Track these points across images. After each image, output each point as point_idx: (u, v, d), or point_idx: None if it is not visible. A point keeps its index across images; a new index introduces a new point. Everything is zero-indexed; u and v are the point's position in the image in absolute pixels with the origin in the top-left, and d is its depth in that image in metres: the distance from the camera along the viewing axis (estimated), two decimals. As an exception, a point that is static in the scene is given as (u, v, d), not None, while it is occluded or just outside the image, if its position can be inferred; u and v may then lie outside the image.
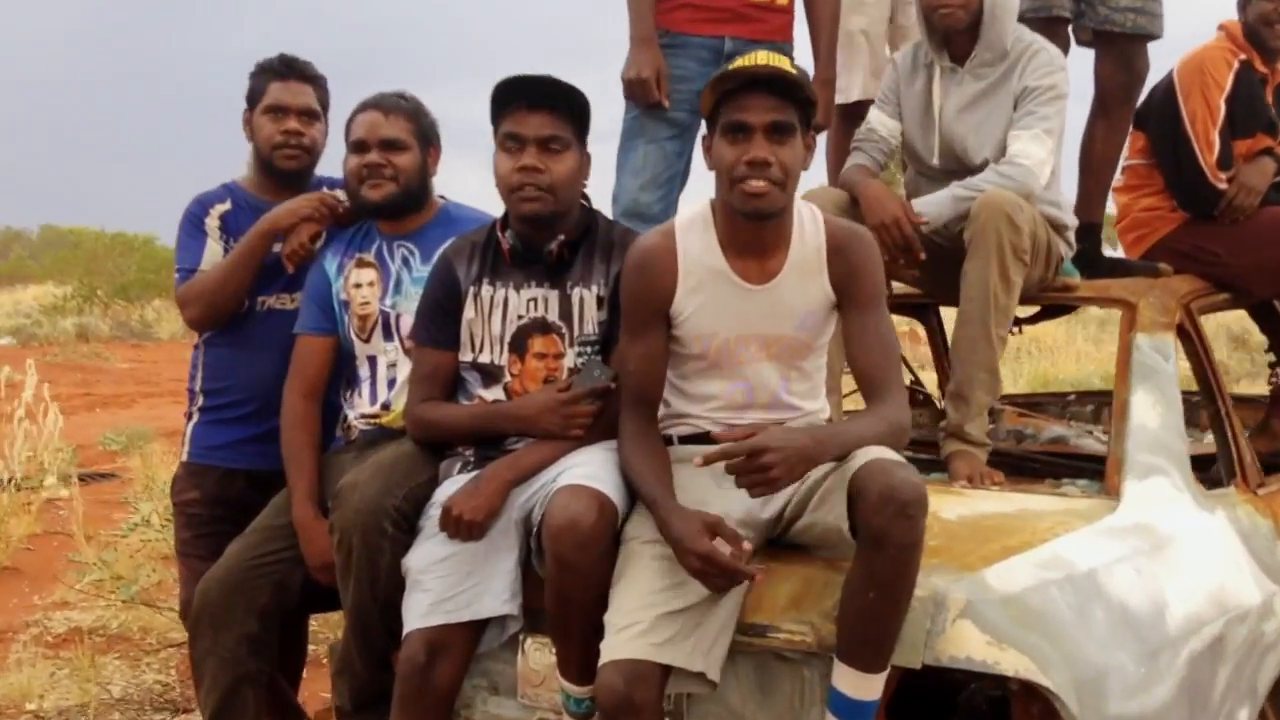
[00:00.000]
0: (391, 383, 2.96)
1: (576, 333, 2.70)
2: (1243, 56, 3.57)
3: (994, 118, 3.18)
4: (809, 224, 2.52)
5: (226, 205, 3.25)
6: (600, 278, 2.71)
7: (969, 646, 2.13)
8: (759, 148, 2.36)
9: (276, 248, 3.13)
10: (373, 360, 3.00)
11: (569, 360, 2.69)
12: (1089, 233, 3.53)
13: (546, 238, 2.68)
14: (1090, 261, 3.47)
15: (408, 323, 2.91)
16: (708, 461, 2.22)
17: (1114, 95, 3.56)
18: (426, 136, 3.02)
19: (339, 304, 3.03)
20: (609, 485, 2.40)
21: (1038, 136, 3.08)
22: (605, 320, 2.69)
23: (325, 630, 4.50)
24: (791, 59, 3.18)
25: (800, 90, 2.40)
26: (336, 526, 2.60)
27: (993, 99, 3.18)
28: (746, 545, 2.23)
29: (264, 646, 2.88)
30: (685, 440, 2.56)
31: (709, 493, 2.42)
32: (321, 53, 3.23)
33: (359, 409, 3.00)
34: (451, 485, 2.62)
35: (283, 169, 3.21)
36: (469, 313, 2.74)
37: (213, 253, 3.19)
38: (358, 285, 3.00)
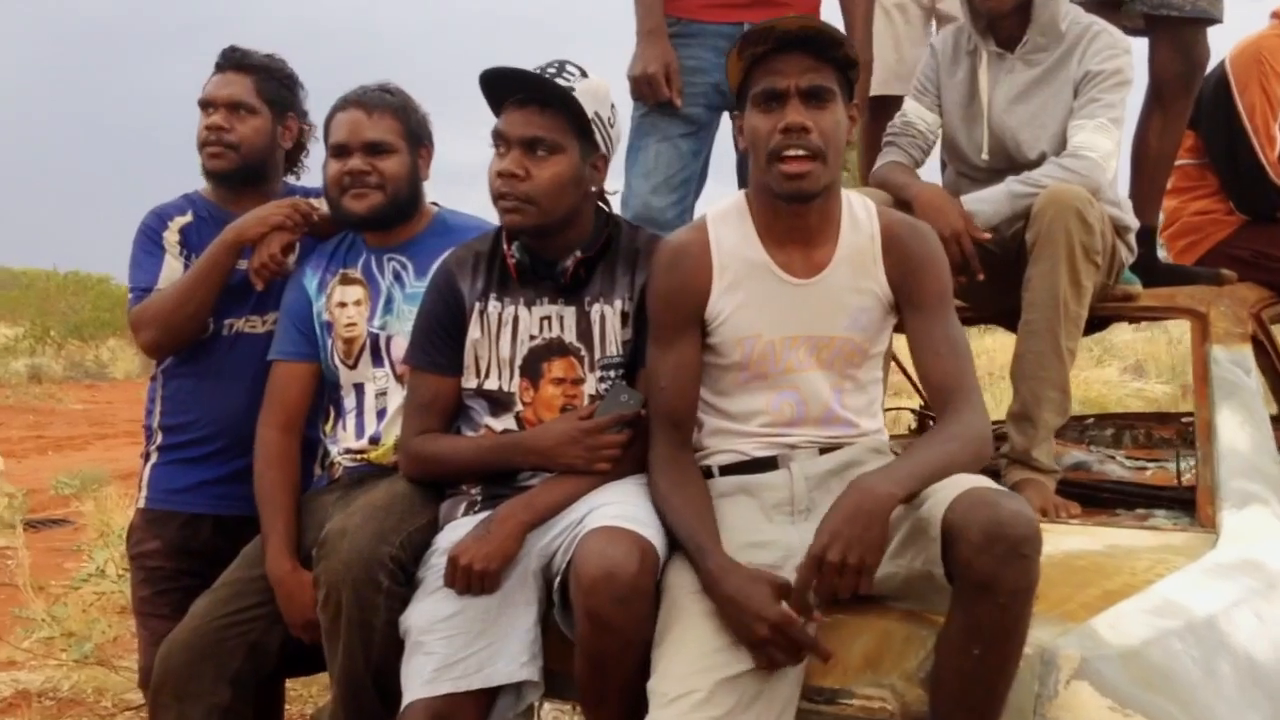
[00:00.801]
0: (381, 413, 2.62)
1: (598, 355, 2.36)
2: None
3: (1050, 108, 2.87)
4: (861, 212, 2.25)
5: (187, 218, 2.92)
6: (624, 291, 2.37)
7: (1087, 712, 1.83)
8: (795, 112, 2.11)
9: (243, 264, 2.79)
10: (359, 388, 2.66)
11: (590, 386, 2.36)
12: (1144, 237, 3.24)
13: (557, 252, 2.35)
14: (1147, 268, 3.18)
15: (400, 345, 2.57)
16: (804, 609, 1.91)
17: (1171, 86, 3.27)
18: (416, 136, 2.68)
19: (321, 326, 2.69)
20: (649, 527, 2.07)
21: (1103, 126, 2.77)
22: (630, 340, 2.36)
23: (301, 687, 4.13)
24: None
25: (838, 48, 2.14)
26: (323, 581, 2.24)
27: (1048, 87, 2.87)
28: (818, 616, 1.92)
29: (236, 718, 2.53)
30: (726, 471, 2.24)
31: (760, 531, 2.14)
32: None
33: (343, 443, 2.66)
34: (456, 530, 2.28)
35: (207, 169, 2.90)
36: (474, 332, 2.40)
37: (171, 270, 2.85)
38: (342, 304, 2.66)
